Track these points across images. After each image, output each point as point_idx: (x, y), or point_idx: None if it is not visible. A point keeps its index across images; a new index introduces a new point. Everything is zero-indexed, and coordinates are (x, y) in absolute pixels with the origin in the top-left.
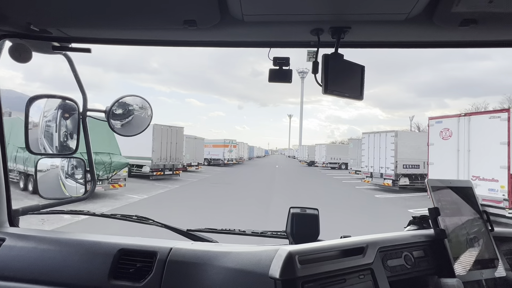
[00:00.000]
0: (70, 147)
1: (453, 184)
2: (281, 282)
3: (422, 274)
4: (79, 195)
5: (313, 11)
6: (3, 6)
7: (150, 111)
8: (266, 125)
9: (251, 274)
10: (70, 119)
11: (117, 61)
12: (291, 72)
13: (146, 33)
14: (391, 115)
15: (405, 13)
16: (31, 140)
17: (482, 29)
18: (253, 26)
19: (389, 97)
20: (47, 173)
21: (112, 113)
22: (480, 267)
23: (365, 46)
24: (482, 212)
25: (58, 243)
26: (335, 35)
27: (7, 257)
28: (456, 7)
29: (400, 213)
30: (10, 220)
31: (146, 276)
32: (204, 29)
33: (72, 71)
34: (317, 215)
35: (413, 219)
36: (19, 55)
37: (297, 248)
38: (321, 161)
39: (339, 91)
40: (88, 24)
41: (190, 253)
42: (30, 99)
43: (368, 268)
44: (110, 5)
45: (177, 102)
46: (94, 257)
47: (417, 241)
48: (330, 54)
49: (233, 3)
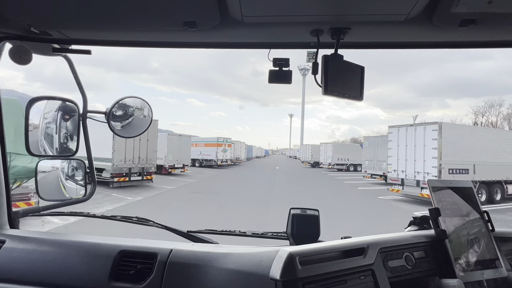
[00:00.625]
0: (70, 149)
1: (454, 185)
2: (282, 283)
3: (423, 275)
4: (79, 197)
5: (312, 12)
6: (3, 8)
7: (150, 112)
8: (267, 125)
9: (251, 275)
10: (70, 120)
11: (119, 61)
12: (291, 73)
13: (146, 35)
14: (392, 115)
15: (404, 13)
16: (31, 142)
17: (481, 30)
18: (253, 27)
19: (390, 97)
20: (47, 175)
21: (112, 115)
22: (481, 268)
23: (364, 46)
24: (482, 212)
25: (59, 245)
26: (335, 35)
27: (7, 259)
28: (455, 7)
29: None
30: (10, 222)
31: (146, 277)
32: (203, 30)
33: (72, 73)
34: (317, 216)
35: (414, 220)
36: (19, 57)
37: (297, 249)
38: (326, 162)
39: (339, 91)
40: (88, 26)
41: (191, 254)
42: (30, 100)
43: (369, 269)
44: (110, 7)
45: (178, 102)
46: (95, 258)
47: (418, 242)
48: (329, 55)
49: (233, 5)
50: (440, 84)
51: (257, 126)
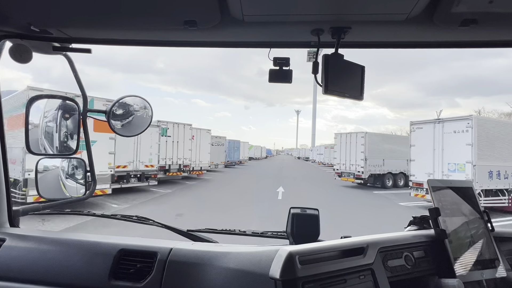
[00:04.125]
0: (71, 148)
1: (454, 184)
2: (282, 282)
3: (422, 275)
4: (80, 196)
5: (313, 11)
6: (3, 6)
7: (150, 111)
8: (272, 125)
9: (251, 275)
10: (70, 119)
11: (124, 61)
12: (291, 73)
13: (146, 34)
14: (399, 114)
15: (405, 13)
16: (32, 140)
17: (482, 29)
18: (254, 27)
19: (398, 96)
20: (47, 173)
21: (112, 114)
22: (480, 268)
23: (365, 46)
24: (482, 212)
25: (59, 244)
26: (335, 35)
27: (8, 258)
28: (456, 7)
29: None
30: (10, 220)
31: (146, 276)
32: (204, 29)
33: (73, 72)
34: (317, 215)
35: (414, 219)
36: (19, 56)
37: (297, 248)
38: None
39: (339, 91)
40: (89, 25)
41: (191, 253)
42: (31, 99)
43: (368, 269)
44: (110, 6)
45: (184, 103)
46: (95, 257)
47: (418, 241)
48: (330, 54)
49: (234, 4)
50: (449, 83)
51: (262, 126)
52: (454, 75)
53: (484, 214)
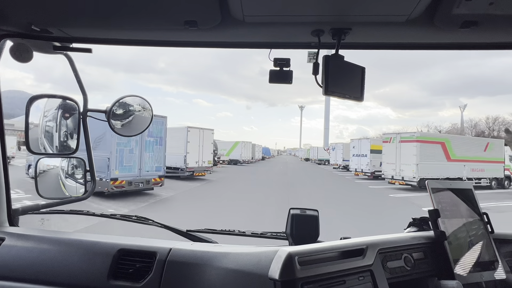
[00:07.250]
0: (70, 147)
1: (453, 186)
2: (281, 283)
3: (422, 276)
4: (79, 195)
5: (314, 12)
6: (4, 6)
7: (150, 111)
8: (274, 125)
9: (250, 275)
10: (70, 119)
11: (126, 61)
12: (292, 73)
13: (146, 34)
14: (402, 114)
15: (405, 14)
16: (31, 139)
17: (482, 31)
18: (254, 27)
19: (401, 96)
20: (47, 173)
21: (112, 113)
22: (480, 269)
23: (365, 47)
24: (482, 214)
25: (58, 243)
26: (336, 36)
27: (7, 257)
28: (456, 9)
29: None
30: (9, 219)
31: (145, 276)
32: (205, 29)
33: (73, 71)
34: (317, 216)
35: (413, 221)
36: (20, 55)
37: (296, 249)
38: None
39: (339, 92)
40: (89, 24)
41: (190, 253)
42: (31, 99)
43: (367, 270)
44: (111, 6)
45: (185, 103)
46: (94, 257)
47: (417, 243)
48: (330, 55)
49: (234, 4)
50: (454, 83)
51: (264, 126)
52: (458, 74)
53: (484, 216)
